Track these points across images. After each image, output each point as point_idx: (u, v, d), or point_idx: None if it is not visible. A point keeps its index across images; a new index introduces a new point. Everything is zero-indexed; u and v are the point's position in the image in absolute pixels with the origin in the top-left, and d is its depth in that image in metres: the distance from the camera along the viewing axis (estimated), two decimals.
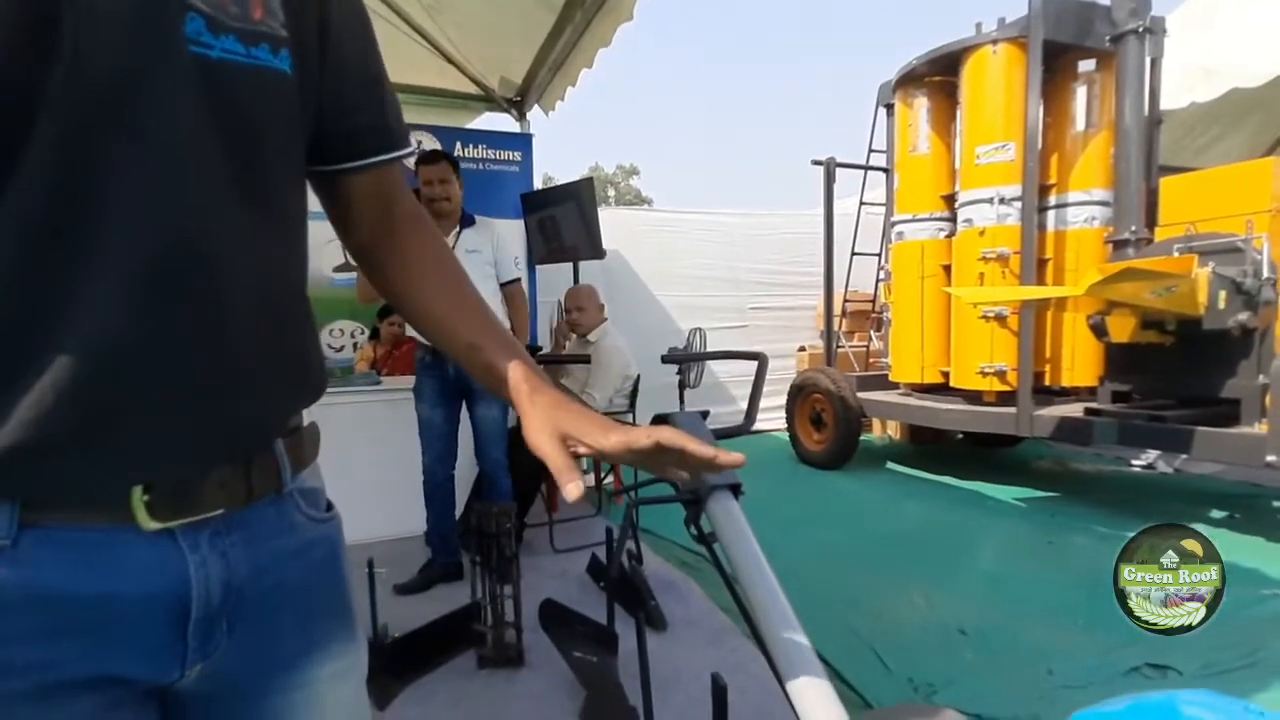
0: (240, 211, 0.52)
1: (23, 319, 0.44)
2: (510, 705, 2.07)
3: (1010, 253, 4.17)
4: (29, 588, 0.47)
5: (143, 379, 0.48)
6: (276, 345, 0.58)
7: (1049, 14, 3.93)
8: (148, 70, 0.46)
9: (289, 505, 0.61)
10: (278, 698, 0.60)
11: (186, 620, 0.53)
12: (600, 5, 3.49)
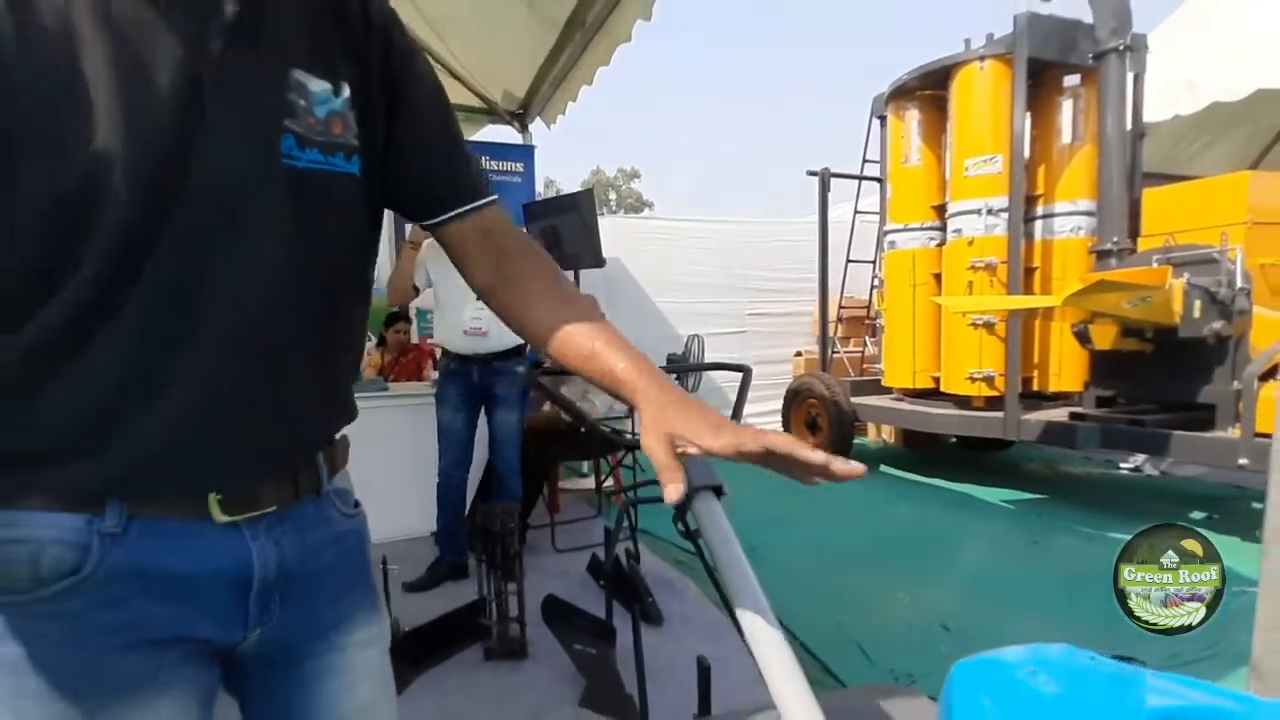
0: (305, 289, 0.65)
1: (141, 372, 0.58)
2: (515, 694, 2.20)
3: (998, 262, 4.31)
4: (133, 564, 0.60)
5: (221, 421, 0.62)
6: (324, 389, 0.72)
7: (1034, 32, 4.07)
8: (250, 182, 0.60)
9: (326, 503, 0.75)
10: (318, 659, 0.74)
11: (249, 592, 0.66)
12: (599, 26, 3.63)
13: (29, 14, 0.51)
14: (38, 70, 0.51)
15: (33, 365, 0.56)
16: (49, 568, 0.58)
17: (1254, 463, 3.24)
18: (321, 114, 0.63)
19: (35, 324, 0.55)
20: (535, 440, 3.51)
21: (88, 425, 0.57)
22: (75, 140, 0.52)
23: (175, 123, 0.55)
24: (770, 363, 7.02)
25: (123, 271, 0.55)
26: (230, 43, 0.58)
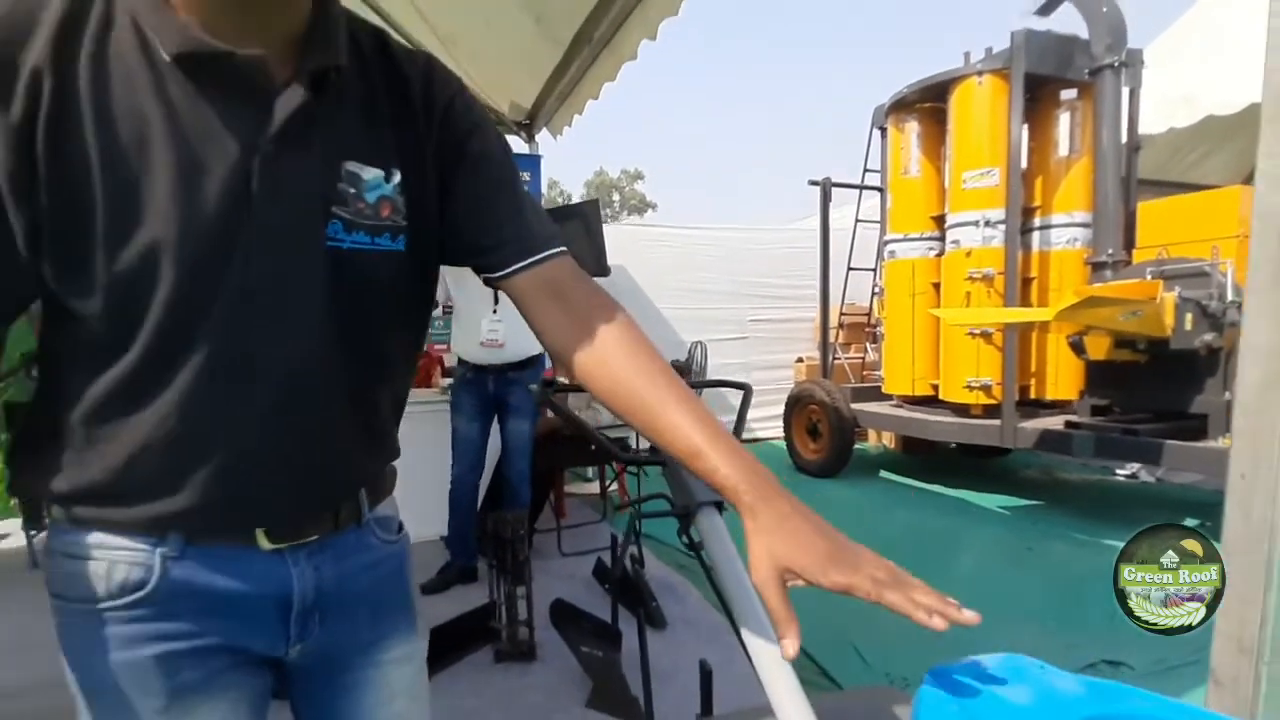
0: (344, 357, 0.71)
1: (197, 428, 0.66)
2: (524, 694, 2.29)
3: (995, 273, 4.39)
4: (189, 583, 0.70)
5: (266, 472, 0.70)
6: (364, 437, 0.78)
7: (1031, 48, 4.16)
8: (293, 266, 0.66)
9: (366, 532, 0.82)
10: (355, 673, 0.82)
11: (289, 612, 0.75)
12: (605, 44, 3.72)
13: (109, 117, 0.58)
14: (112, 171, 0.59)
15: (103, 419, 0.65)
16: (119, 581, 0.68)
17: None
18: (371, 199, 0.69)
19: (104, 385, 0.64)
20: (541, 446, 3.60)
21: (149, 472, 0.66)
22: (135, 230, 0.60)
23: (223, 216, 0.62)
24: (772, 368, 7.11)
25: (175, 343, 0.63)
26: (283, 140, 0.63)
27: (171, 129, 0.60)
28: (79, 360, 0.65)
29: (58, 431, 0.67)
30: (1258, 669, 1.03)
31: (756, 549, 0.62)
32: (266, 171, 0.63)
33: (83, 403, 0.65)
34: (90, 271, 0.60)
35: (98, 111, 0.58)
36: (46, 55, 0.57)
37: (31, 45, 0.56)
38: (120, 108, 0.59)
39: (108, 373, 0.64)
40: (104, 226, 0.59)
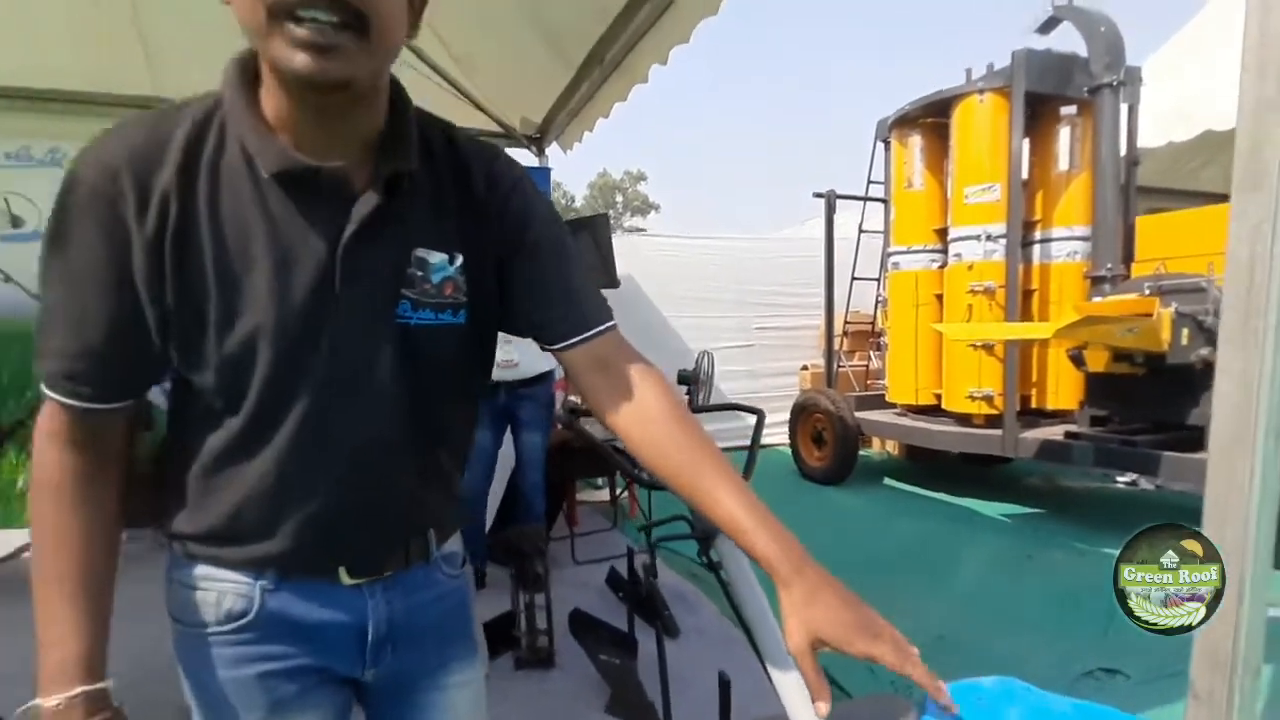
0: (412, 417, 0.81)
1: (290, 482, 0.77)
2: (545, 701, 2.39)
3: (996, 286, 4.49)
4: (284, 613, 0.82)
5: (347, 520, 0.80)
6: (430, 486, 0.88)
7: (1031, 67, 4.26)
8: (368, 341, 0.76)
9: (434, 568, 0.92)
10: (423, 695, 0.93)
11: (365, 640, 0.86)
12: (616, 66, 3.82)
13: (220, 226, 0.70)
14: (222, 272, 0.70)
15: (216, 472, 0.77)
16: (226, 610, 0.80)
17: None
18: (436, 280, 0.79)
19: (217, 444, 0.76)
20: (555, 458, 3.71)
21: (252, 519, 0.78)
22: (239, 319, 0.71)
23: (310, 303, 0.72)
24: (778, 375, 7.21)
25: (273, 410, 0.74)
26: (360, 236, 0.73)
27: (270, 233, 0.71)
28: (199, 424, 0.77)
29: (180, 482, 0.79)
30: (1231, 682, 1.13)
31: (791, 621, 0.68)
32: (347, 263, 0.73)
33: (200, 458, 0.77)
34: (205, 353, 0.72)
35: (212, 223, 0.70)
36: (173, 179, 0.68)
37: (162, 171, 0.68)
38: (229, 218, 0.70)
39: (220, 434, 0.76)
40: (215, 317, 0.71)
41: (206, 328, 0.71)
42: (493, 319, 0.85)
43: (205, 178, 0.70)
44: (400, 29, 0.69)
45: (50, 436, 0.74)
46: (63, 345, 0.70)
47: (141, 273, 0.68)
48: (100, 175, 0.66)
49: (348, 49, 0.63)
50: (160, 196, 0.68)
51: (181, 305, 0.70)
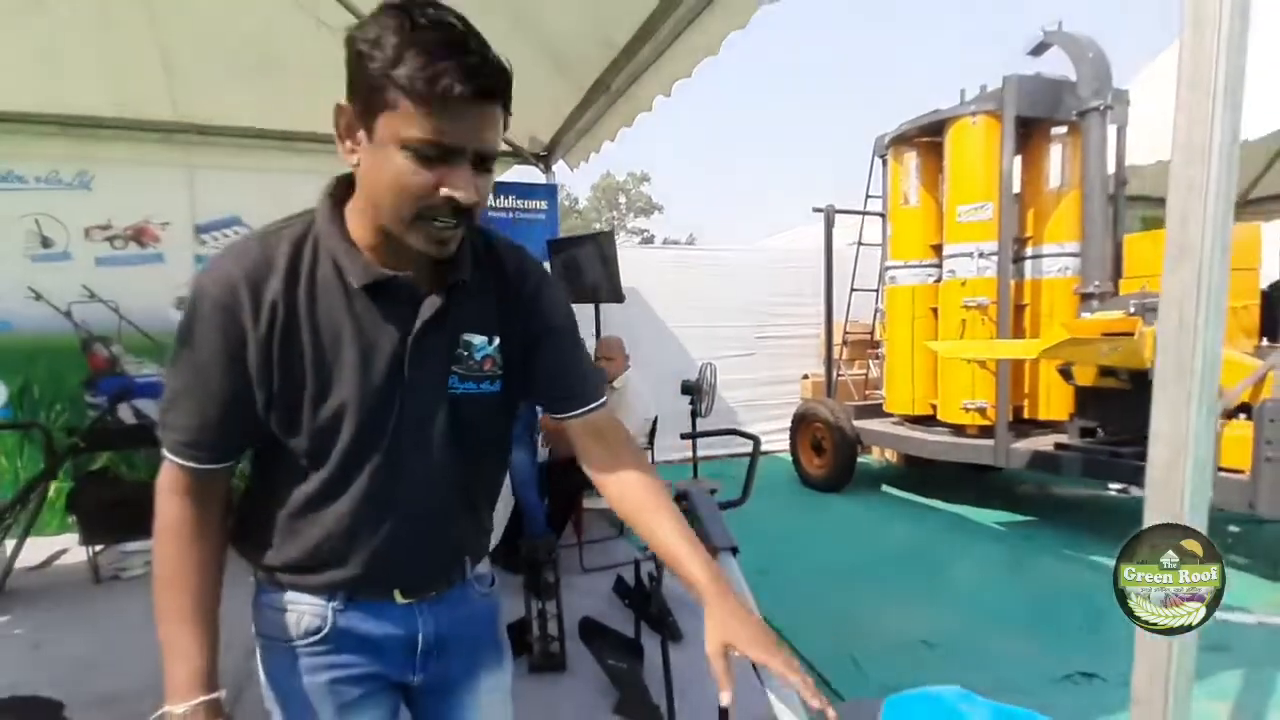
0: (461, 468, 0.99)
1: (361, 523, 0.94)
2: (557, 703, 2.55)
3: (989, 302, 4.65)
4: (349, 629, 0.99)
5: (405, 554, 0.98)
6: (472, 524, 1.07)
7: (1022, 91, 4.41)
8: (428, 409, 0.94)
9: (469, 587, 1.09)
10: (461, 698, 1.10)
11: (415, 651, 1.03)
12: (622, 94, 3.99)
13: (316, 326, 0.88)
14: (316, 362, 0.88)
15: (300, 516, 0.95)
16: (305, 627, 0.98)
17: (1217, 495, 3.55)
18: (478, 357, 0.97)
19: (303, 493, 0.94)
20: (562, 470, 3.88)
21: (328, 554, 0.95)
22: (329, 398, 0.89)
23: (385, 383, 0.90)
24: (779, 383, 7.37)
25: (351, 466, 0.92)
26: (425, 328, 0.91)
27: (355, 330, 0.89)
28: (286, 477, 0.94)
29: (268, 523, 0.96)
30: (1167, 689, 1.29)
31: (712, 630, 0.88)
32: (414, 352, 0.91)
33: (288, 505, 0.95)
34: (300, 424, 0.90)
35: (310, 323, 0.87)
36: (280, 290, 0.86)
37: (271, 283, 0.86)
38: (323, 319, 0.88)
39: (305, 486, 0.93)
40: (311, 395, 0.89)
41: (303, 405, 0.88)
42: (519, 389, 1.03)
43: (304, 287, 0.87)
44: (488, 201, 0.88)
45: (170, 492, 0.90)
46: (186, 422, 0.88)
47: (254, 363, 0.86)
48: (222, 289, 0.84)
49: (457, 234, 0.86)
50: (270, 304, 0.85)
51: (284, 388, 0.88)
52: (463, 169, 0.79)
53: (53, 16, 3.56)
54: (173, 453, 0.89)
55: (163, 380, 0.91)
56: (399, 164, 0.78)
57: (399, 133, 0.76)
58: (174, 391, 0.88)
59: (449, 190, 0.79)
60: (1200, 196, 1.18)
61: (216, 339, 0.84)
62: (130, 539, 4.10)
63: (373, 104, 0.78)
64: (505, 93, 0.80)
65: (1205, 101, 1.16)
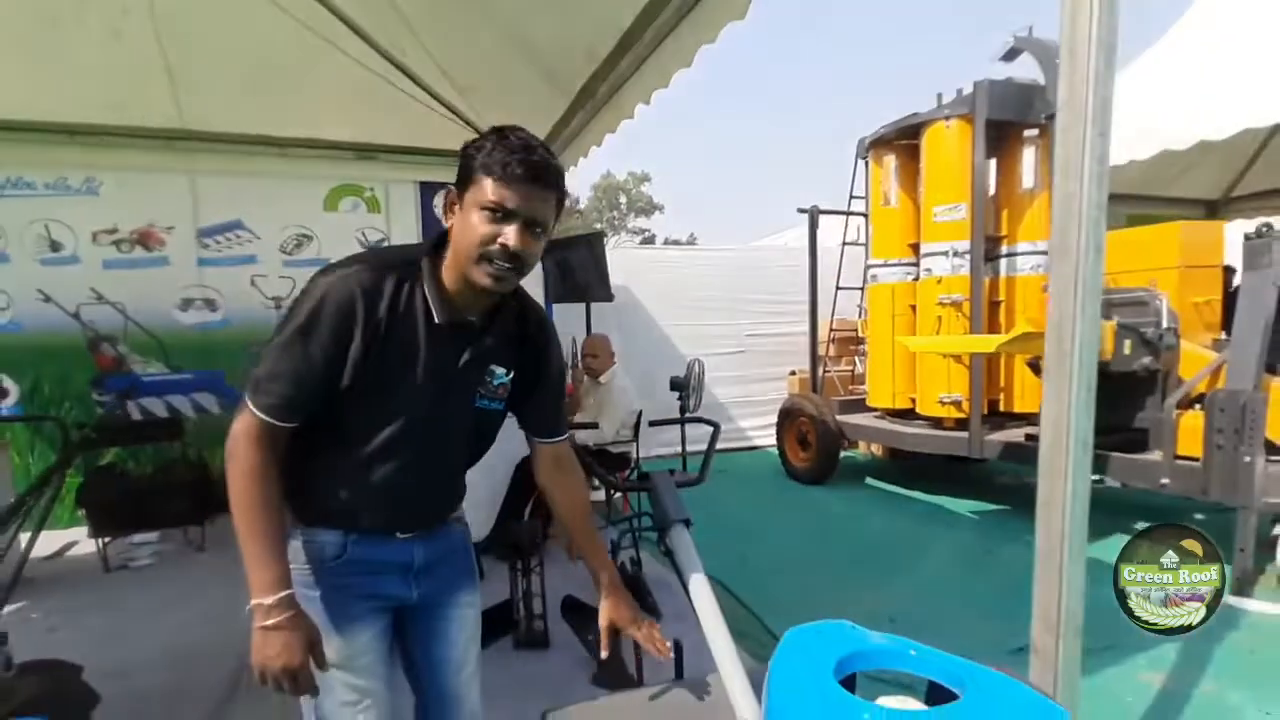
0: (464, 454, 1.37)
1: (387, 487, 1.25)
2: (540, 675, 2.73)
3: (963, 299, 4.82)
4: (359, 556, 1.28)
5: (413, 504, 1.31)
6: (457, 492, 1.42)
7: (993, 96, 4.58)
8: (458, 417, 1.30)
9: (450, 525, 1.42)
10: (444, 610, 1.40)
11: (409, 573, 1.33)
12: (606, 101, 4.16)
13: (399, 343, 1.17)
14: (393, 368, 1.18)
15: (339, 471, 1.25)
16: (329, 555, 1.27)
17: (1174, 482, 3.74)
18: (495, 384, 1.32)
19: (350, 463, 1.24)
20: None
21: (354, 506, 1.25)
22: (393, 395, 1.20)
23: (434, 393, 1.23)
24: (767, 380, 7.54)
25: (394, 446, 1.23)
26: (470, 359, 1.26)
27: (428, 353, 1.21)
28: (335, 447, 1.23)
29: (308, 476, 1.24)
30: (1058, 643, 1.46)
31: (603, 613, 1.42)
32: (458, 373, 1.26)
33: (324, 462, 1.24)
34: (364, 410, 1.21)
35: (397, 340, 1.18)
36: (384, 312, 1.15)
37: (379, 305, 1.15)
38: (406, 339, 1.19)
39: (349, 458, 1.24)
40: (383, 390, 1.19)
41: (372, 396, 1.19)
42: (514, 409, 1.41)
43: (401, 313, 1.18)
44: (536, 261, 1.20)
45: (249, 439, 1.14)
46: (284, 390, 1.13)
47: (353, 360, 1.15)
48: (344, 300, 1.13)
49: (512, 279, 1.17)
50: (376, 321, 1.15)
51: (369, 381, 1.17)
52: (516, 225, 1.12)
53: (64, 31, 3.75)
54: (264, 412, 1.13)
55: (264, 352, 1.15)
56: (474, 219, 1.12)
57: (478, 199, 1.11)
58: (279, 365, 1.13)
59: (504, 239, 1.12)
60: (1076, 206, 1.35)
61: (330, 336, 1.12)
62: (137, 531, 4.29)
63: (466, 183, 1.14)
64: (556, 183, 1.16)
65: (1079, 125, 1.33)
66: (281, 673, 1.10)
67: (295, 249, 5.33)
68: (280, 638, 1.10)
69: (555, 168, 1.15)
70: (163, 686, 2.64)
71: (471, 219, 1.12)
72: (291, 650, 1.10)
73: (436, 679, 1.42)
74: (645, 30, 3.31)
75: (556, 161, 1.16)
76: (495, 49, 4.12)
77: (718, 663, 1.48)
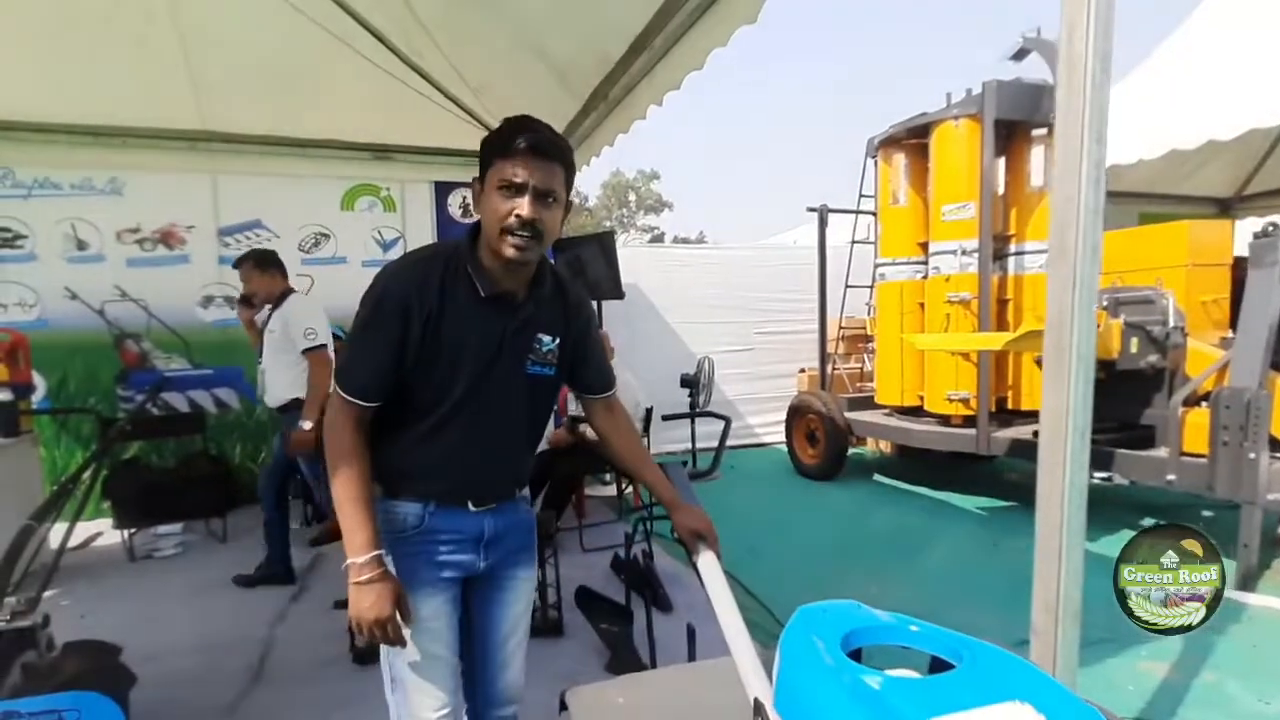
0: (527, 421, 1.46)
1: (455, 453, 1.38)
2: (555, 662, 2.81)
3: (971, 297, 4.86)
4: (437, 525, 1.40)
5: (481, 472, 1.42)
6: (523, 462, 1.52)
7: (1001, 96, 4.62)
8: (512, 382, 1.39)
9: (518, 503, 1.53)
10: (506, 580, 1.51)
11: (480, 544, 1.44)
12: (619, 103, 4.23)
13: (452, 320, 1.29)
14: (450, 344, 1.30)
15: (414, 441, 1.36)
16: (409, 523, 1.39)
17: (1180, 478, 3.78)
18: (545, 350, 1.42)
19: (419, 431, 1.36)
20: (564, 455, 4.13)
21: (433, 468, 1.37)
22: (455, 368, 1.32)
23: (488, 361, 1.34)
24: (776, 377, 7.60)
25: (454, 413, 1.35)
26: (517, 327, 1.36)
27: (479, 322, 1.33)
28: (407, 419, 1.35)
29: (392, 448, 1.37)
30: (1057, 626, 1.53)
31: (682, 521, 1.44)
32: (508, 341, 1.36)
33: (409, 435, 1.36)
34: (432, 379, 1.33)
35: (451, 318, 1.31)
36: (435, 296, 1.29)
37: (429, 291, 1.28)
38: (459, 317, 1.31)
39: (420, 426, 1.36)
40: (441, 366, 1.32)
41: (435, 369, 1.31)
42: (565, 374, 1.51)
43: (451, 294, 1.30)
44: (555, 234, 1.31)
45: (342, 419, 1.30)
46: (366, 377, 1.30)
47: (412, 341, 1.28)
48: (401, 292, 1.27)
49: (534, 248, 1.27)
50: (429, 305, 1.28)
51: (431, 353, 1.30)
52: (527, 197, 1.23)
53: (88, 33, 3.85)
54: (353, 395, 1.30)
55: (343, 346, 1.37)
56: (494, 199, 1.25)
57: (494, 180, 1.24)
58: (358, 355, 1.31)
59: (518, 210, 1.23)
60: (1074, 208, 1.41)
61: (395, 324, 1.27)
62: (161, 522, 4.41)
63: (485, 170, 1.27)
64: (560, 156, 1.27)
65: (1076, 131, 1.39)
66: (375, 623, 1.23)
67: (313, 247, 5.43)
68: (373, 591, 1.23)
69: (557, 142, 1.27)
70: (192, 670, 2.74)
71: (492, 200, 1.25)
72: (382, 603, 1.23)
73: (486, 642, 1.52)
74: (657, 34, 3.38)
75: (560, 138, 1.28)
76: (509, 51, 4.19)
77: (727, 638, 1.54)
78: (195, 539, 4.49)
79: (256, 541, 4.37)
